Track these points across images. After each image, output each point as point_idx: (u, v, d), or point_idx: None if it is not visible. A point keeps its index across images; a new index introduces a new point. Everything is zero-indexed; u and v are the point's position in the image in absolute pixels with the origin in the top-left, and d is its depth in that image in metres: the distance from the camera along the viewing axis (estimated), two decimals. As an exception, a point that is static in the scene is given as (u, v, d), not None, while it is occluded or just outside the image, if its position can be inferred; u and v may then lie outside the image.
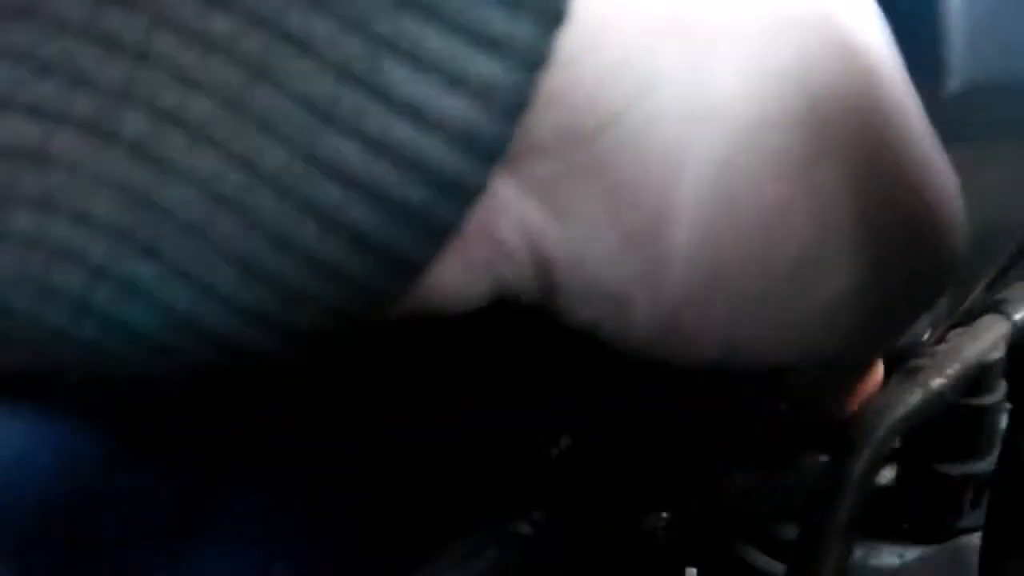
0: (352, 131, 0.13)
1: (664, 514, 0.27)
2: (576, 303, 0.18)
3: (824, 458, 0.26)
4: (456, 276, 0.16)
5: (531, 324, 0.23)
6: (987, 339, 0.29)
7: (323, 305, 0.14)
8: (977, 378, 0.29)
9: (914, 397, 0.27)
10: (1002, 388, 0.29)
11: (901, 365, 0.28)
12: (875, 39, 0.18)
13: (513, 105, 0.13)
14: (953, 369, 0.28)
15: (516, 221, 0.16)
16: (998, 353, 0.29)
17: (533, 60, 0.13)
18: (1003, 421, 0.30)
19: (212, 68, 0.13)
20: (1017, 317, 0.29)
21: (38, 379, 0.16)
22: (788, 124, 0.17)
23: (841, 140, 0.17)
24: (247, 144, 0.13)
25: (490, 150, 0.14)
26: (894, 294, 0.19)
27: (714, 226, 0.17)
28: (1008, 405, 0.29)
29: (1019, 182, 0.34)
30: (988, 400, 0.29)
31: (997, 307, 0.31)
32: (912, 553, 0.30)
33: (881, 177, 0.18)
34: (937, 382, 0.28)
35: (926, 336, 0.33)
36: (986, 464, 0.29)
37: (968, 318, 0.30)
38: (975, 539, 0.30)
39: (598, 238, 0.17)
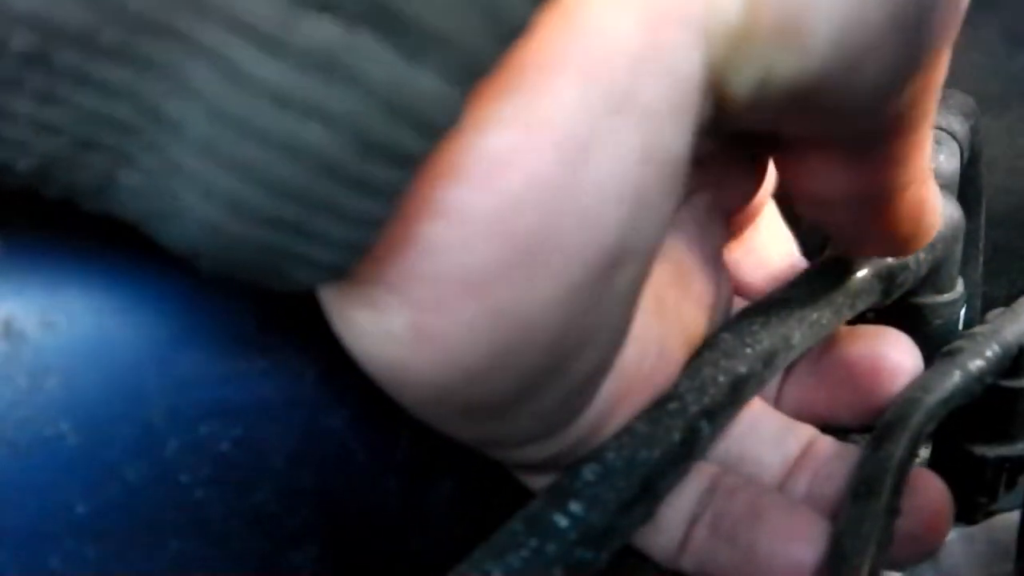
0: None
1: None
2: None
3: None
4: None
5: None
6: (1026, 320, 0.29)
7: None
8: (1015, 360, 0.29)
9: (952, 380, 0.27)
10: (1041, 370, 0.29)
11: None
12: None
13: None
14: (992, 351, 0.28)
15: None
16: (1037, 335, 0.29)
17: None
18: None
19: None
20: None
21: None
22: None
23: None
24: None
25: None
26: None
27: None
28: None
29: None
30: (1026, 382, 0.29)
31: (1036, 287, 0.31)
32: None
33: None
34: (976, 365, 0.28)
35: (962, 315, 0.32)
36: (1023, 446, 0.29)
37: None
38: (1011, 519, 0.30)
39: None
